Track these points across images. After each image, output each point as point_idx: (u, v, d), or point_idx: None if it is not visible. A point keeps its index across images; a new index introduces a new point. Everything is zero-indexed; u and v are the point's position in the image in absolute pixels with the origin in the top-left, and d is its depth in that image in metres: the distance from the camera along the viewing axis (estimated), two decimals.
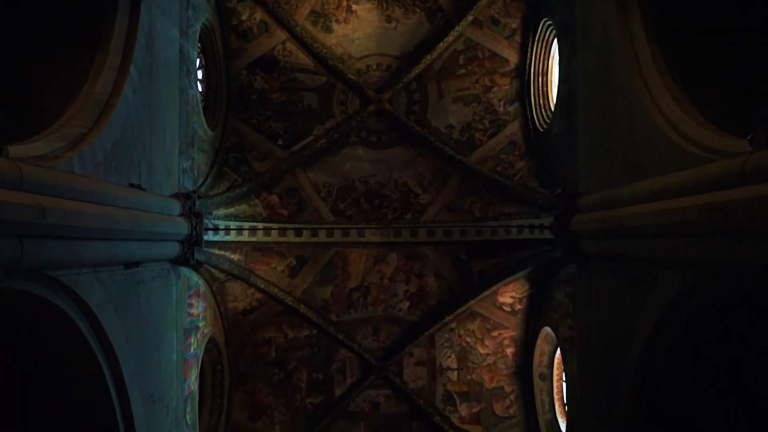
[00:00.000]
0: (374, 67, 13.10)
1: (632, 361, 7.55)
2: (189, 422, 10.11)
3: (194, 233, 9.39)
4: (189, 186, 10.08)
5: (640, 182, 7.08)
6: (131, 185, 7.60)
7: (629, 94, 7.73)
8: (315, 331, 13.04)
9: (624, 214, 7.20)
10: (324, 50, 12.68)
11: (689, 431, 7.80)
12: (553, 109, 11.73)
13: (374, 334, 13.29)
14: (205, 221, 10.00)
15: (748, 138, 5.14)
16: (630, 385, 7.73)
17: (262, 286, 12.29)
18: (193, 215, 9.43)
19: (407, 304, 13.24)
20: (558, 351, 12.08)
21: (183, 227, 9.13)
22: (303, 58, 12.86)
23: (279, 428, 12.88)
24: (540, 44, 12.14)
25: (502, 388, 13.09)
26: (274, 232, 12.15)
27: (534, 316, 12.39)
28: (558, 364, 12.30)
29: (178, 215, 9.14)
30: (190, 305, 10.31)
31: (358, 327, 13.25)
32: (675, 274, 6.44)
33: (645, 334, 7.15)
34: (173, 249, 9.04)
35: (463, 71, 12.97)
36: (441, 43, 12.61)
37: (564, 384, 12.20)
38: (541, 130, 12.02)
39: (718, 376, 7.54)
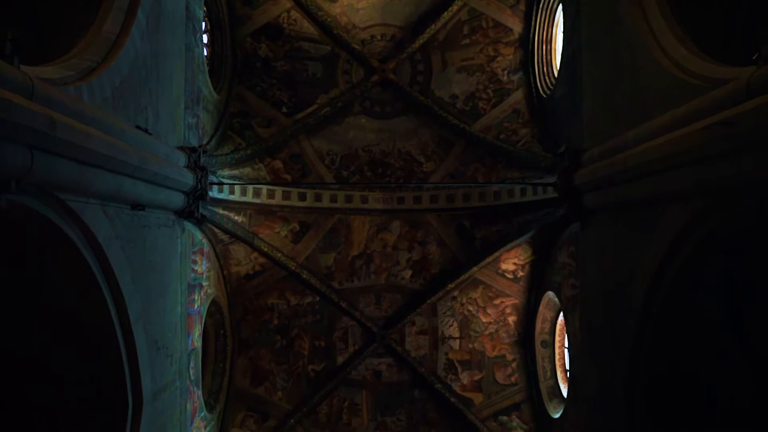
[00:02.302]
0: (379, 37, 13.15)
1: (634, 307, 7.57)
2: (192, 377, 10.13)
3: (199, 186, 9.43)
4: (194, 143, 10.11)
5: (646, 123, 7.10)
6: (138, 127, 7.62)
7: (633, 42, 7.76)
8: (318, 299, 13.10)
9: (629, 155, 7.23)
10: (329, 19, 12.72)
11: (690, 381, 7.85)
12: (556, 75, 11.77)
13: (377, 303, 13.35)
14: (210, 177, 10.03)
15: (754, 57, 5.17)
16: (631, 333, 7.75)
17: (266, 249, 12.33)
18: (199, 168, 9.47)
19: (410, 272, 13.29)
20: (560, 317, 12.12)
21: (188, 178, 9.17)
22: (308, 27, 12.89)
23: (281, 394, 12.93)
24: (544, 12, 12.19)
25: (503, 356, 13.13)
26: (278, 194, 12.20)
27: (536, 282, 12.43)
28: (560, 330, 12.33)
29: (184, 166, 9.18)
30: (194, 261, 10.34)
31: (360, 295, 13.31)
32: (678, 209, 6.47)
33: (648, 275, 7.18)
34: (178, 199, 9.07)
35: (467, 41, 13.01)
36: (445, 13, 12.65)
37: (566, 350, 12.22)
38: (545, 96, 12.07)
39: (718, 324, 7.58)
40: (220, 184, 10.89)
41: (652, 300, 7.23)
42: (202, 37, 11.01)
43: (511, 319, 13.04)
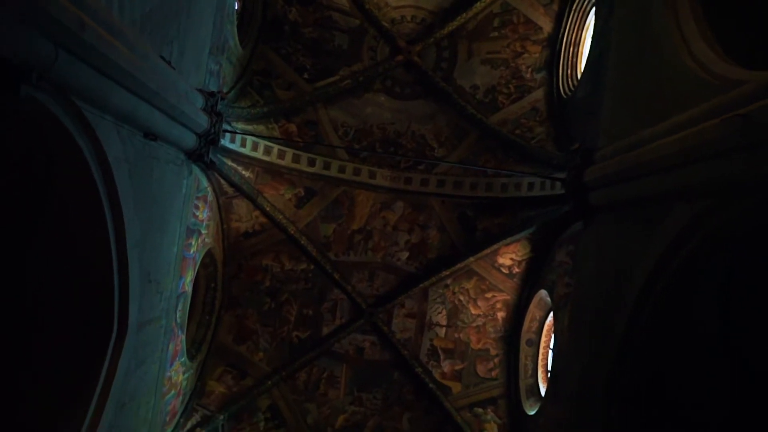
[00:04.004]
0: (409, 18, 13.17)
1: (626, 304, 7.57)
2: (178, 321, 10.17)
3: (213, 130, 9.47)
4: (213, 89, 10.14)
5: (663, 122, 7.11)
6: (162, 58, 7.66)
7: (663, 45, 7.76)
8: (312, 267, 13.13)
9: (642, 152, 7.24)
10: None
11: (670, 384, 7.86)
12: (579, 77, 11.78)
13: (369, 280, 13.38)
14: (224, 125, 10.07)
15: None
16: (620, 331, 7.74)
17: (268, 209, 12.38)
18: (215, 114, 9.51)
19: (406, 254, 13.32)
20: (549, 318, 12.14)
21: (203, 120, 9.21)
22: None
23: (262, 355, 12.97)
24: (576, 13, 12.20)
25: (487, 350, 13.15)
26: (288, 156, 12.25)
27: (531, 280, 12.44)
28: (547, 330, 12.35)
29: (201, 108, 9.21)
30: (197, 207, 10.39)
31: (354, 270, 13.34)
32: (684, 207, 6.47)
33: (645, 273, 7.16)
34: (191, 139, 9.11)
35: (495, 34, 13.02)
36: (478, 3, 12.66)
37: (550, 351, 12.24)
38: (565, 97, 12.09)
39: (707, 331, 7.59)
40: (234, 132, 10.92)
41: (646, 298, 7.22)
42: None
43: (500, 315, 13.06)
